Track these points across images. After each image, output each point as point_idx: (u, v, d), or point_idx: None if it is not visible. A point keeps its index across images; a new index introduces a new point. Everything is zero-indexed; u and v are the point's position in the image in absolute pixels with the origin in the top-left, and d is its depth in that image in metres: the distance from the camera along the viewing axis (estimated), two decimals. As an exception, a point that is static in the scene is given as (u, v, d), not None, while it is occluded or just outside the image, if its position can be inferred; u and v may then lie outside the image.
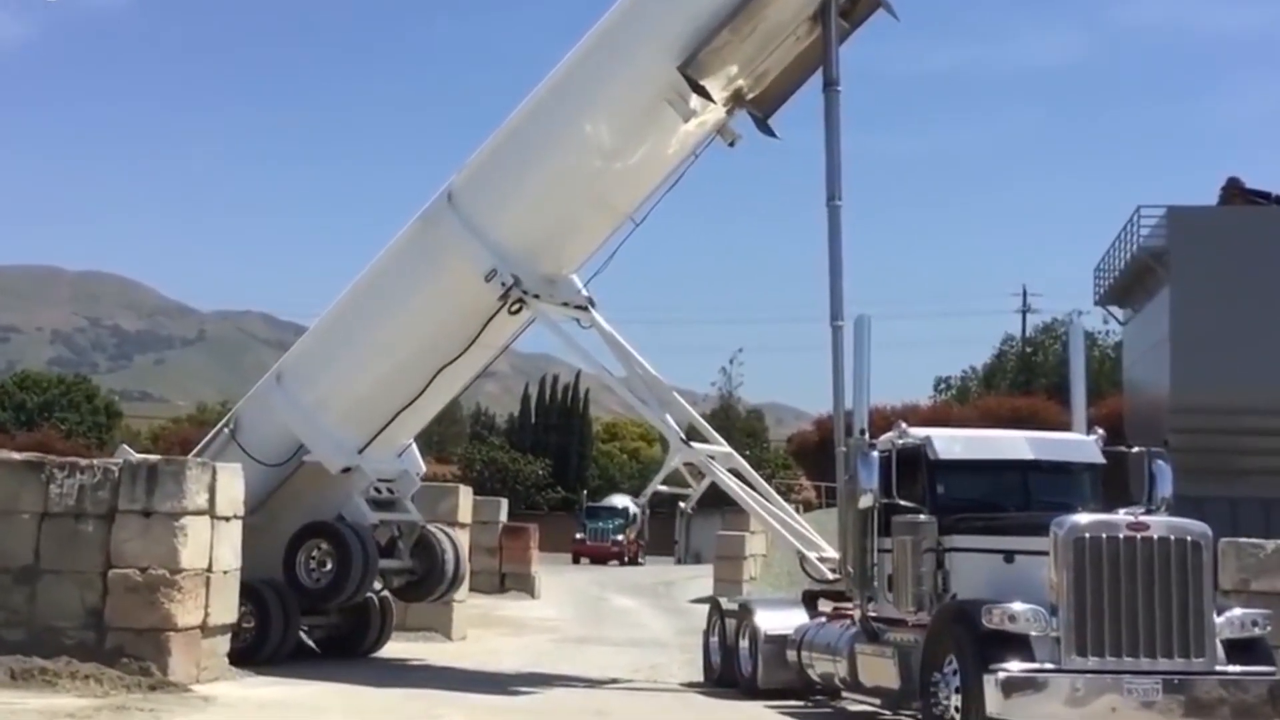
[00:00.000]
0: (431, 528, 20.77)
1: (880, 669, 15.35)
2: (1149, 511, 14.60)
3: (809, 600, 18.16)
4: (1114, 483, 15.62)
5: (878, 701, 16.07)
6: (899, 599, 15.08)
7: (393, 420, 19.95)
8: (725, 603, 19.19)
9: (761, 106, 19.06)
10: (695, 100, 18.07)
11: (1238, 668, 13.51)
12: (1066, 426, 16.98)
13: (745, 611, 18.33)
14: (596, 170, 18.83)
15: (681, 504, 19.87)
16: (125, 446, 20.42)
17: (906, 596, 14.89)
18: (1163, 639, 13.30)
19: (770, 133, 19.14)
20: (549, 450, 76.53)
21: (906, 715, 15.77)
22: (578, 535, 64.20)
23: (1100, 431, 16.12)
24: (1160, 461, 15.57)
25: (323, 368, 20.00)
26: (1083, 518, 13.64)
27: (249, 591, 18.84)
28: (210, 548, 16.84)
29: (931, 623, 14.23)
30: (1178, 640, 13.32)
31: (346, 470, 19.73)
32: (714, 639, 19.03)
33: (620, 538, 62.97)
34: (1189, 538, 13.55)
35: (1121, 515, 13.73)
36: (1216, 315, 41.83)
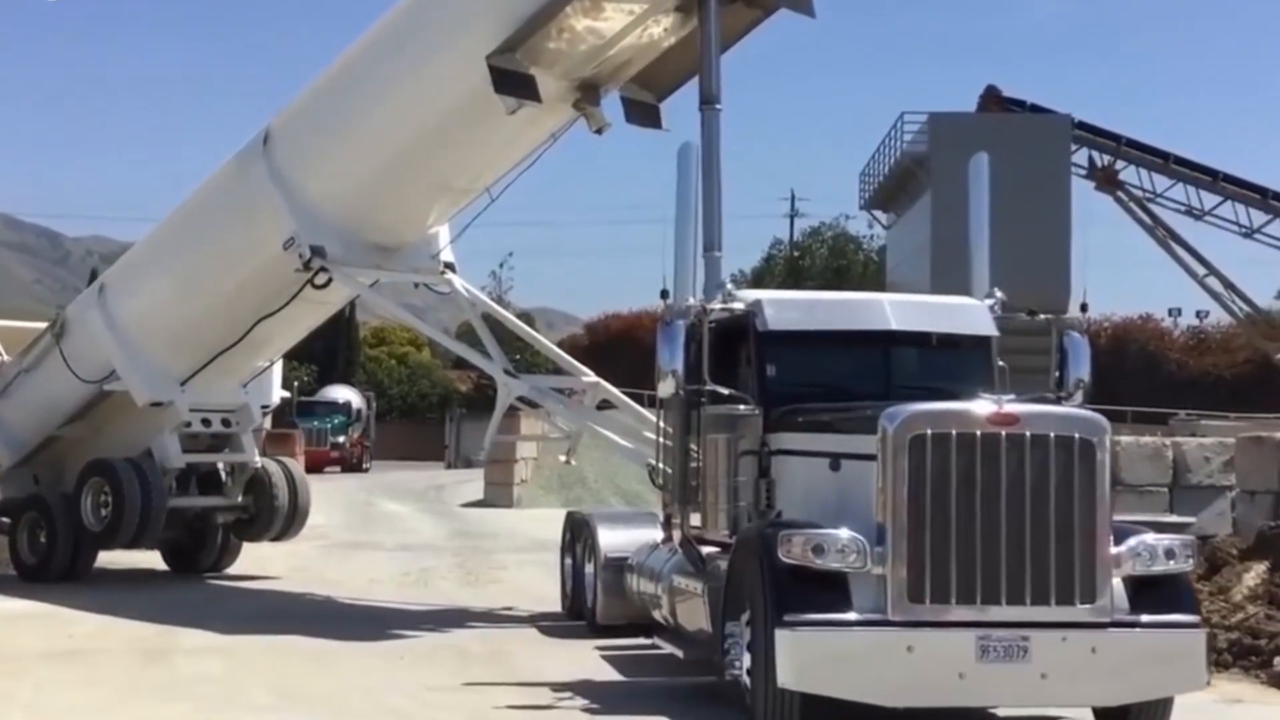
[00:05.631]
0: (269, 464, 19.03)
1: (693, 609, 11.54)
2: (1059, 399, 11.23)
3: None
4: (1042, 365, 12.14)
5: (680, 653, 11.97)
6: (709, 516, 11.50)
7: (215, 359, 18.03)
8: (576, 515, 15.75)
9: (652, 88, 16.11)
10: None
11: (1147, 616, 9.72)
12: None
13: (587, 528, 14.78)
14: (420, 150, 16.01)
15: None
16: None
17: (717, 514, 11.34)
18: (1036, 578, 9.51)
19: (651, 122, 16.10)
20: (315, 356, 74.73)
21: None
22: None
23: (999, 294, 12.50)
24: (1073, 333, 11.95)
25: (139, 290, 18.14)
26: (923, 407, 9.78)
27: (40, 505, 17.98)
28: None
29: (731, 553, 10.57)
30: (1058, 579, 9.54)
31: (156, 405, 18.01)
32: (568, 560, 15.54)
33: (341, 439, 54.55)
34: (1076, 435, 9.68)
35: (978, 402, 9.86)
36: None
